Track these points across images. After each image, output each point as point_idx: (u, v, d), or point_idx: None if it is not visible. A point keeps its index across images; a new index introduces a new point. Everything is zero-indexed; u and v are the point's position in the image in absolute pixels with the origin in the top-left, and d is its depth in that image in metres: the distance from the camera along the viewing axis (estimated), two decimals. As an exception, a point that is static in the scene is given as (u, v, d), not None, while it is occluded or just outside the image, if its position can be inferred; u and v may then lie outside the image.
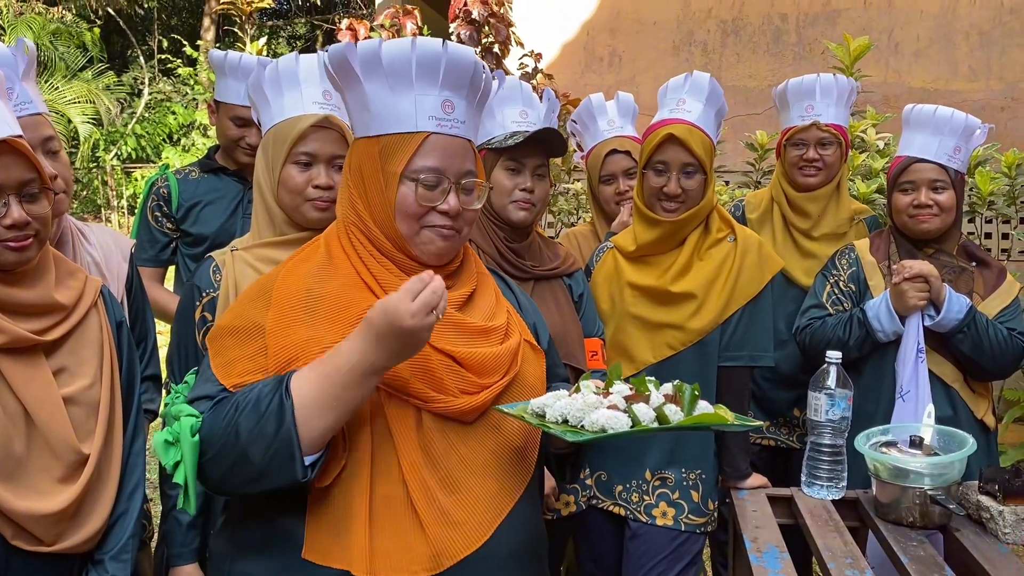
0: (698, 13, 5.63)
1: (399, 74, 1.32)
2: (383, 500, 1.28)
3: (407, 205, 1.33)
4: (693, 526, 2.19)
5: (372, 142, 1.35)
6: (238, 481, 1.26)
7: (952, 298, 2.25)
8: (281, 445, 1.21)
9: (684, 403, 1.28)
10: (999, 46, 5.16)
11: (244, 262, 1.84)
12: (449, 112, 1.34)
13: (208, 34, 14.21)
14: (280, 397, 1.22)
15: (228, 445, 1.23)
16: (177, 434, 1.24)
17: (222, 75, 2.71)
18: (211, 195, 2.77)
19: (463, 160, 1.37)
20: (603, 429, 1.22)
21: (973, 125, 2.35)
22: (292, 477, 1.22)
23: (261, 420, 1.21)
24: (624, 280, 2.25)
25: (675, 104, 2.23)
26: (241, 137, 2.73)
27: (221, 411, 1.25)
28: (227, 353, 1.33)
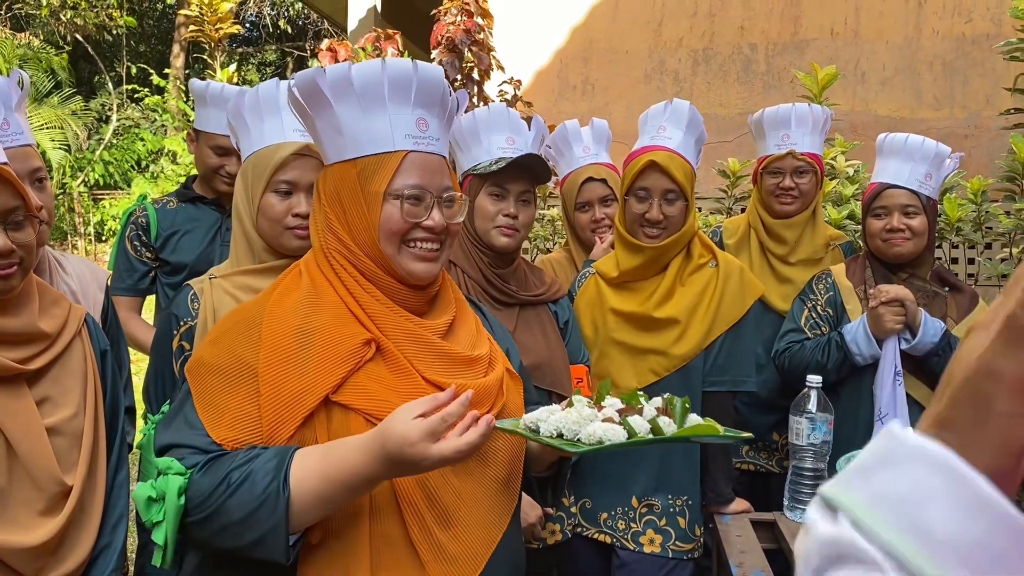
0: (669, 42, 5.72)
1: (372, 95, 1.32)
2: (382, 539, 1.26)
3: (392, 223, 1.32)
4: (680, 552, 2.18)
5: (348, 166, 1.34)
6: (220, 546, 1.24)
7: (927, 322, 2.29)
8: (270, 533, 1.19)
9: (676, 415, 1.29)
10: (962, 76, 5.29)
11: (222, 290, 1.82)
12: (424, 130, 1.35)
13: (177, 61, 14.15)
14: (278, 486, 1.19)
15: (215, 520, 1.21)
16: (162, 491, 1.20)
17: (203, 104, 2.71)
18: (188, 224, 2.79)
19: (442, 176, 1.37)
20: (600, 441, 1.22)
21: (944, 152, 2.41)
22: (275, 558, 1.21)
23: (253, 505, 1.19)
24: (607, 306, 2.27)
25: (656, 131, 2.26)
26: (221, 166, 2.73)
27: (212, 477, 1.21)
28: (213, 396, 1.28)
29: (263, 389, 1.25)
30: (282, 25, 15.56)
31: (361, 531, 1.25)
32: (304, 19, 15.88)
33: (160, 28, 16.83)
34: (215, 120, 2.67)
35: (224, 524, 1.20)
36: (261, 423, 1.25)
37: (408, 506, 1.27)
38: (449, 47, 4.25)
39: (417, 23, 7.49)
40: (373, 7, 8.15)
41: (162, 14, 16.91)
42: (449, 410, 1.17)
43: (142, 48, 16.22)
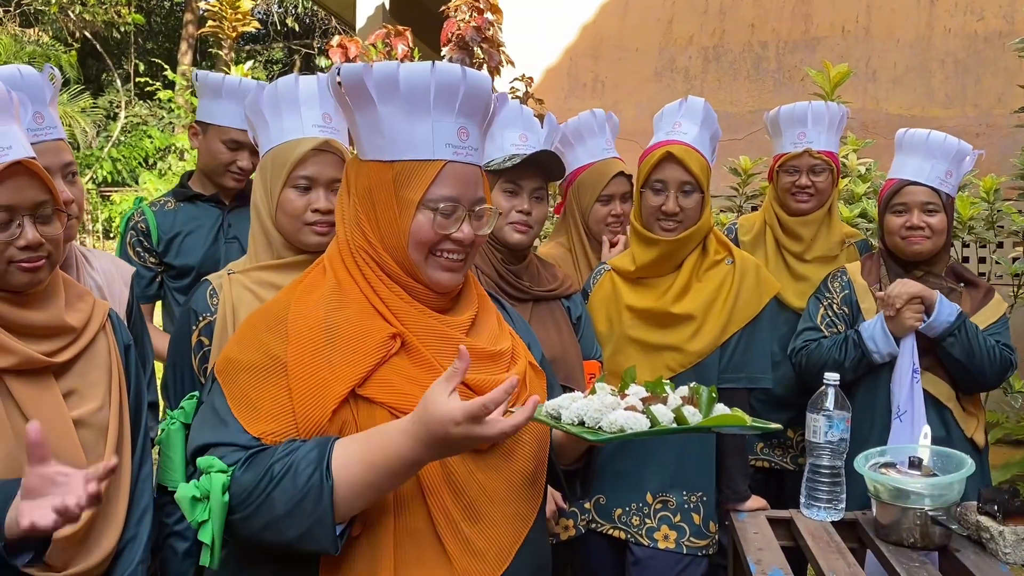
0: (680, 40, 5.70)
1: (417, 99, 1.30)
2: (408, 534, 1.26)
3: (423, 233, 1.31)
4: (695, 549, 2.18)
5: (385, 167, 1.32)
6: (267, 543, 1.22)
7: (943, 302, 2.30)
8: (316, 524, 1.18)
9: (701, 405, 1.28)
10: (974, 74, 5.27)
11: (241, 285, 1.82)
12: (464, 140, 1.33)
13: (185, 58, 14.17)
14: (321, 476, 1.18)
15: (260, 514, 1.20)
16: (206, 490, 1.20)
17: (216, 96, 2.64)
18: (190, 224, 2.70)
19: (476, 188, 1.36)
20: (622, 429, 1.21)
21: (965, 150, 2.40)
22: (323, 549, 1.20)
23: (298, 497, 1.18)
24: (623, 302, 2.26)
25: (671, 127, 2.26)
26: (232, 161, 2.67)
27: (255, 472, 1.21)
28: (246, 392, 1.28)
29: (293, 382, 1.25)
30: (290, 23, 15.57)
31: (386, 526, 1.25)
32: (312, 17, 15.89)
33: (167, 25, 16.85)
34: (230, 113, 2.60)
35: (269, 519, 1.19)
36: (295, 416, 1.25)
37: (435, 500, 1.27)
38: (459, 44, 4.25)
39: (425, 20, 7.48)
40: (382, 4, 8.15)
41: (170, 11, 16.94)
42: (492, 397, 1.16)
43: (149, 45, 16.24)
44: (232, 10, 6.67)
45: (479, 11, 4.49)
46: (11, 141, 1.38)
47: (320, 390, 1.25)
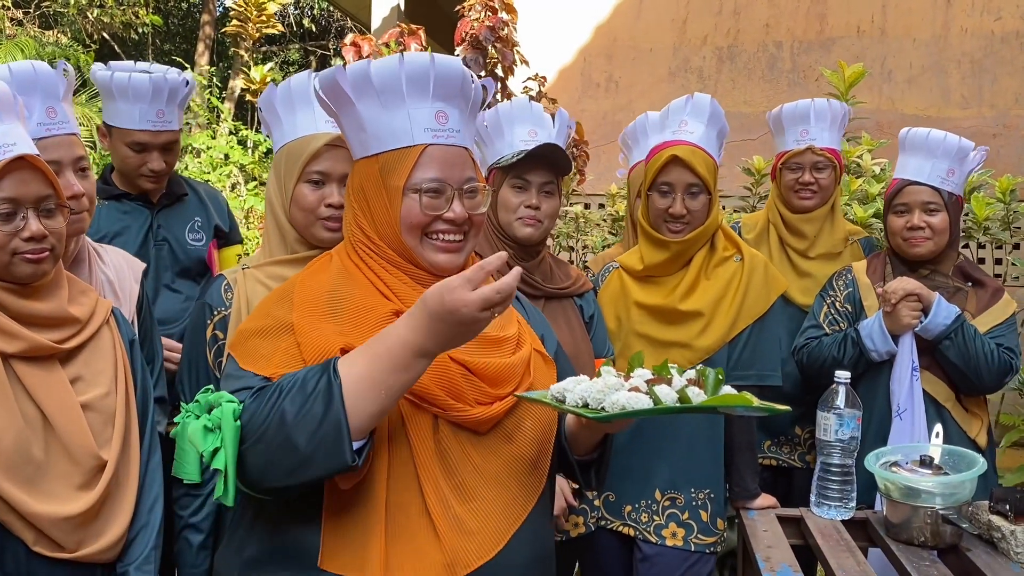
0: (694, 40, 5.69)
1: (390, 91, 1.34)
2: (399, 508, 1.28)
3: (412, 216, 1.34)
4: (703, 546, 2.18)
5: (371, 161, 1.37)
6: (280, 470, 1.22)
7: (940, 303, 2.29)
8: (329, 427, 1.18)
9: (708, 386, 1.28)
10: (991, 74, 5.22)
11: (256, 280, 1.84)
12: (443, 123, 1.36)
13: (202, 59, 14.26)
14: (328, 377, 1.20)
15: (272, 429, 1.20)
16: (218, 420, 1.21)
17: (110, 97, 2.41)
18: (116, 225, 2.46)
19: (463, 168, 1.38)
20: (624, 408, 1.21)
21: (966, 148, 2.39)
22: (340, 462, 1.19)
23: (308, 401, 1.19)
24: (631, 299, 2.27)
25: (677, 126, 2.26)
26: (142, 164, 2.42)
27: (264, 396, 1.23)
28: (259, 350, 1.32)
29: (300, 337, 1.29)
30: (306, 24, 15.65)
31: (377, 499, 1.27)
32: (328, 18, 15.96)
33: (185, 27, 16.96)
34: (125, 114, 2.39)
35: (281, 433, 1.19)
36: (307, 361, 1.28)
37: (427, 476, 1.28)
38: (473, 44, 4.26)
39: (440, 20, 7.50)
40: (396, 5, 8.17)
41: (187, 13, 17.05)
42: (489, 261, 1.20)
43: (167, 47, 16.36)
44: (257, 11, 6.71)
45: (493, 11, 4.49)
46: (15, 139, 1.44)
47: (327, 344, 1.28)
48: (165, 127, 2.43)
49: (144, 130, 2.40)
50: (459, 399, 1.32)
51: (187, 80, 2.48)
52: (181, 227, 2.56)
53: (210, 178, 6.72)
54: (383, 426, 1.28)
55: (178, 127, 2.49)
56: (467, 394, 1.32)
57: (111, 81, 2.37)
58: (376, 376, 1.20)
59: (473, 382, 1.34)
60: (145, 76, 2.38)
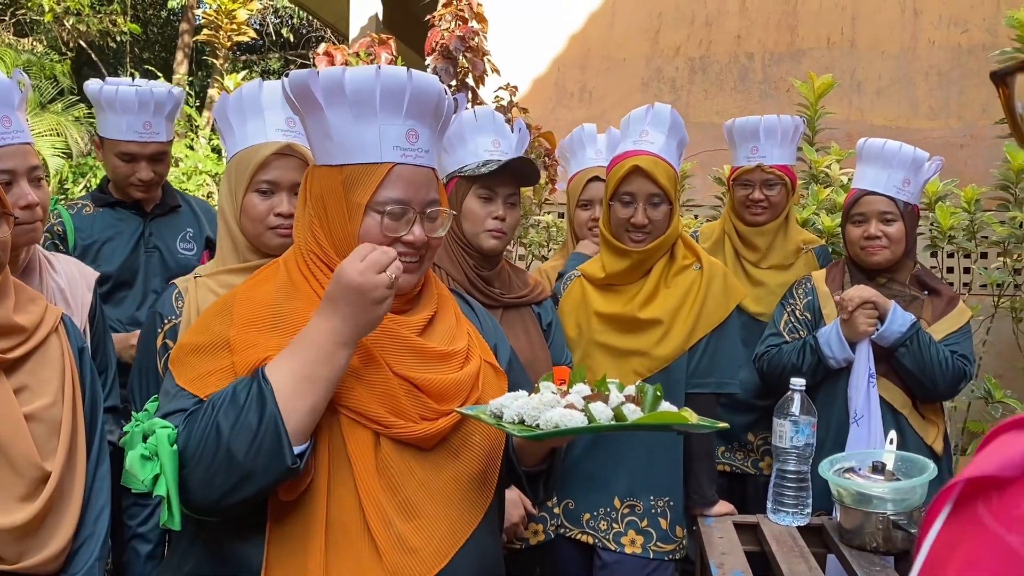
0: (666, 51, 5.73)
1: (363, 103, 1.31)
2: (339, 526, 1.26)
3: (371, 236, 1.32)
4: (662, 553, 2.19)
5: (335, 171, 1.34)
6: (223, 487, 1.21)
7: (896, 311, 2.32)
8: (267, 433, 1.18)
9: (645, 403, 1.28)
10: (958, 86, 5.29)
11: (207, 289, 1.84)
12: (413, 142, 1.34)
13: (181, 68, 14.21)
14: (259, 384, 1.20)
15: (209, 445, 1.19)
16: (154, 448, 1.21)
17: (100, 110, 2.56)
18: (109, 231, 2.62)
19: (427, 190, 1.36)
20: (557, 426, 1.21)
21: (921, 158, 2.42)
22: (282, 466, 1.19)
23: (241, 411, 1.19)
24: (591, 308, 2.28)
25: (638, 135, 2.28)
26: (132, 173, 2.57)
27: (197, 416, 1.23)
28: (194, 367, 1.31)
29: (235, 355, 1.28)
30: (285, 33, 15.63)
31: (317, 517, 1.26)
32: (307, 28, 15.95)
33: (164, 35, 16.89)
34: (114, 126, 2.52)
35: (220, 449, 1.19)
36: None
37: (367, 494, 1.27)
38: (443, 53, 4.27)
39: (417, 30, 7.52)
40: (375, 15, 8.19)
41: (166, 21, 16.99)
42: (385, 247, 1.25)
43: (145, 55, 16.28)
44: (228, 19, 6.69)
45: (463, 20, 4.51)
46: None
47: (259, 353, 1.27)
48: (152, 138, 2.56)
49: (131, 141, 2.52)
50: (400, 415, 1.30)
51: (173, 92, 2.54)
52: (172, 237, 2.67)
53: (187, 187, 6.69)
54: (320, 444, 1.27)
55: (166, 138, 2.60)
56: (409, 410, 1.31)
57: (100, 94, 2.51)
58: (302, 374, 1.21)
59: (418, 398, 1.32)
60: (131, 89, 2.50)
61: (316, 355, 1.22)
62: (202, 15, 6.74)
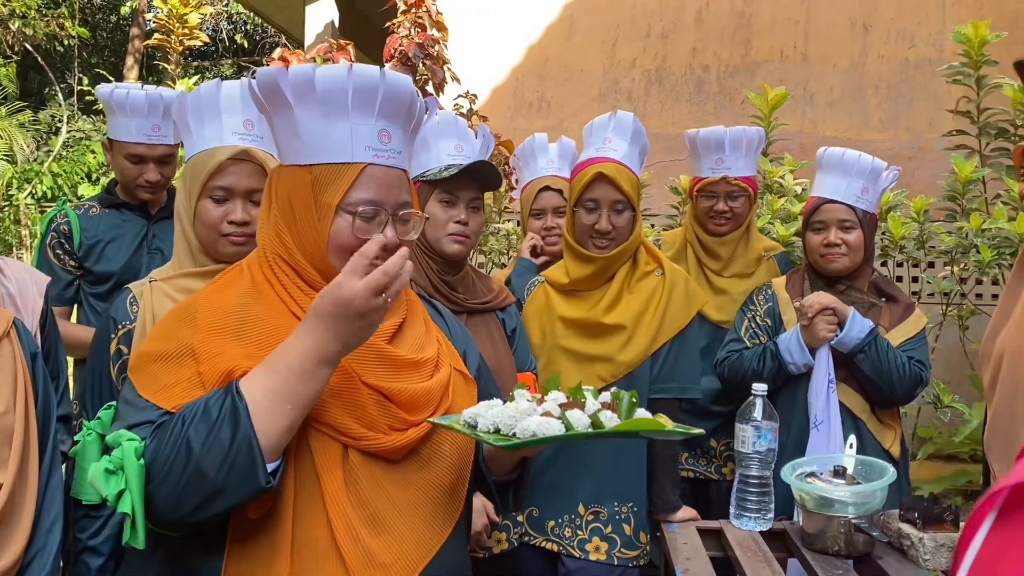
0: (623, 62, 5.79)
1: (334, 102, 1.27)
2: (306, 542, 1.22)
3: (343, 238, 1.28)
4: (626, 560, 2.18)
5: (303, 171, 1.29)
6: (192, 503, 1.15)
7: (855, 318, 2.36)
8: (240, 451, 1.12)
9: (621, 410, 1.27)
10: (906, 99, 5.43)
11: (163, 293, 1.79)
12: (386, 142, 1.30)
13: (131, 73, 13.95)
14: (232, 399, 1.14)
15: (179, 461, 1.14)
16: (119, 461, 1.15)
17: (111, 112, 2.64)
18: (113, 232, 2.71)
19: (399, 191, 1.32)
20: (534, 434, 1.19)
21: (879, 167, 2.47)
22: (255, 485, 1.14)
23: (214, 427, 1.13)
24: (556, 314, 2.28)
25: (601, 143, 2.29)
26: (139, 175, 2.65)
27: (166, 429, 1.17)
28: (158, 378, 1.25)
29: (201, 364, 1.23)
30: (239, 40, 15.45)
31: (284, 533, 1.21)
32: (261, 34, 15.79)
33: (114, 40, 16.59)
34: (124, 128, 2.61)
35: (190, 465, 1.13)
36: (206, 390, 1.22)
37: (335, 510, 1.23)
38: (402, 60, 4.26)
39: (374, 38, 7.48)
40: (331, 22, 8.13)
41: (116, 26, 16.69)
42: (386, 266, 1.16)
43: (94, 60, 15.96)
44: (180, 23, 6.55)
45: (423, 28, 4.50)
46: None
47: (227, 363, 1.23)
48: (160, 140, 2.64)
49: (140, 143, 2.60)
50: (370, 427, 1.27)
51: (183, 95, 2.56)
52: None
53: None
54: (288, 457, 1.23)
55: (174, 141, 2.67)
56: (379, 421, 1.27)
57: (111, 97, 2.58)
58: (280, 390, 1.15)
59: (387, 408, 1.29)
60: (142, 92, 2.58)
61: (297, 373, 1.16)
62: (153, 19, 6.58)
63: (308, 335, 1.17)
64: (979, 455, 4.37)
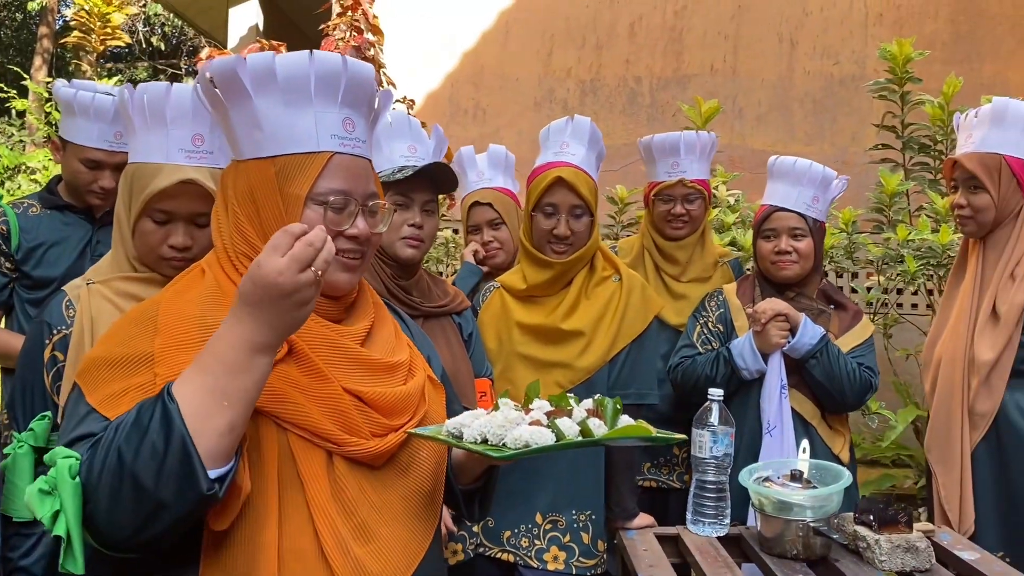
0: (558, 72, 5.82)
1: (296, 89, 1.22)
2: (293, 554, 1.15)
3: None
4: (584, 569, 2.15)
5: (266, 163, 1.23)
6: (134, 520, 1.05)
7: (807, 324, 2.40)
8: (174, 456, 1.03)
9: (606, 417, 1.25)
10: (831, 114, 5.61)
11: (101, 296, 1.69)
12: (351, 131, 1.26)
13: (39, 73, 13.36)
14: (163, 403, 1.05)
15: (112, 474, 1.04)
16: (54, 481, 1.05)
17: (70, 113, 2.44)
18: (55, 235, 2.51)
19: (367, 181, 1.28)
20: (527, 444, 1.16)
21: (830, 176, 2.52)
22: (196, 493, 1.04)
23: (146, 434, 1.04)
24: (512, 319, 2.24)
25: (559, 147, 2.27)
26: (94, 180, 2.46)
27: (97, 443, 1.08)
28: (109, 385, 1.15)
29: (161, 367, 1.14)
30: (155, 42, 14.97)
31: (269, 544, 1.14)
32: (179, 36, 15.34)
33: (19, 38, 15.87)
34: (83, 131, 2.42)
35: (125, 478, 1.04)
36: None
37: (322, 519, 1.17)
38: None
39: (301, 43, 7.35)
40: (255, 25, 7.95)
41: (22, 24, 15.98)
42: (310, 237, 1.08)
43: None
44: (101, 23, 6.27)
45: (359, 31, 4.43)
46: None
47: None
48: (121, 148, 2.41)
49: (100, 149, 2.41)
50: (354, 433, 1.21)
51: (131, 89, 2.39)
52: None
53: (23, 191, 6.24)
54: (269, 465, 1.16)
55: None
56: (362, 427, 1.22)
57: (74, 98, 2.39)
58: (214, 387, 1.06)
59: (367, 413, 1.24)
60: (108, 97, 2.39)
61: (230, 366, 1.07)
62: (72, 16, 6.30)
63: (237, 323, 1.08)
64: (903, 460, 4.52)
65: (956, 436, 2.40)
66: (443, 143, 2.21)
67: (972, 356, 2.39)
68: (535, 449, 1.16)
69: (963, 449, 2.38)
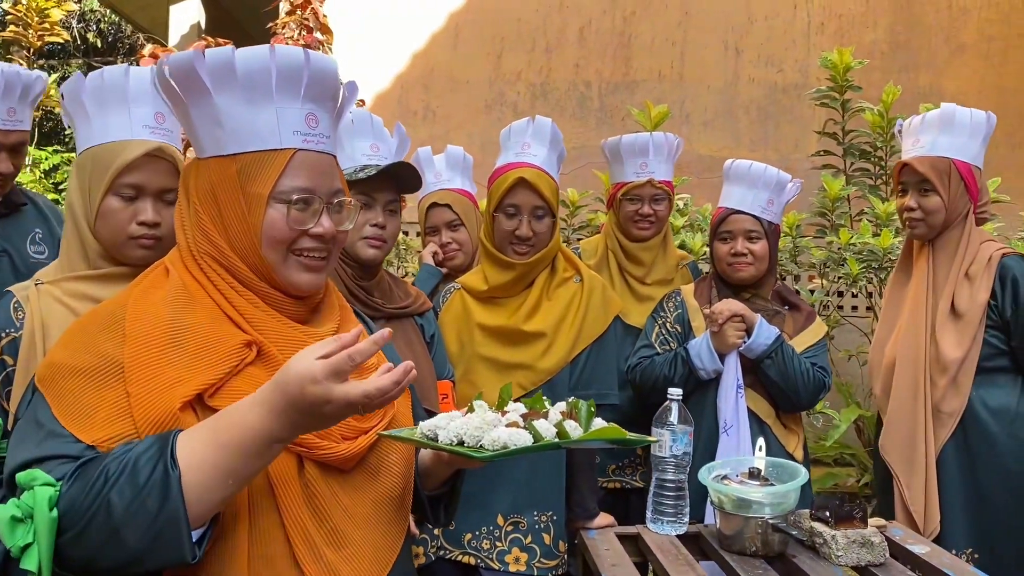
0: (508, 75, 5.82)
1: (257, 85, 1.19)
2: (264, 561, 1.13)
3: (276, 230, 1.20)
4: (546, 570, 2.16)
5: (227, 162, 1.20)
6: (107, 563, 1.03)
7: (762, 325, 2.44)
8: (166, 524, 1.02)
9: (581, 419, 1.26)
10: (774, 120, 5.73)
11: (52, 298, 1.63)
12: (314, 126, 1.23)
13: (-34, 68, 12.87)
14: (165, 467, 1.03)
15: (96, 523, 1.01)
16: (29, 509, 1.01)
17: None
18: None
19: (332, 178, 1.26)
20: (505, 446, 1.15)
21: (784, 180, 2.58)
22: (179, 559, 1.03)
23: (140, 493, 1.01)
24: (474, 321, 2.23)
25: (520, 148, 2.27)
26: None
27: (87, 480, 1.03)
28: (78, 398, 1.11)
29: (131, 384, 1.10)
30: (91, 38, 14.54)
31: (239, 551, 1.12)
32: (117, 33, 14.92)
33: (-55, 32, 15.30)
34: None
35: (108, 529, 1.01)
36: (137, 423, 1.09)
37: (294, 525, 1.15)
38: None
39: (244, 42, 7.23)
40: (197, 23, 7.80)
41: (-52, 17, 15.38)
42: (359, 348, 1.04)
43: (-78, 53, 14.66)
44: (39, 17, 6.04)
45: (308, 30, 4.38)
46: None
47: (162, 391, 1.10)
48: (16, 126, 2.25)
49: None
50: (324, 436, 1.19)
51: (42, 77, 2.25)
52: (21, 239, 2.34)
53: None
54: None
55: (28, 127, 2.29)
56: (332, 430, 1.20)
57: None
58: (222, 468, 1.04)
59: None
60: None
61: (245, 451, 1.05)
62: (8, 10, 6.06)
63: (268, 417, 1.05)
64: (846, 459, 4.64)
65: (920, 437, 2.46)
66: (406, 142, 2.19)
67: (935, 355, 2.45)
68: (513, 450, 1.16)
69: (927, 450, 2.44)
